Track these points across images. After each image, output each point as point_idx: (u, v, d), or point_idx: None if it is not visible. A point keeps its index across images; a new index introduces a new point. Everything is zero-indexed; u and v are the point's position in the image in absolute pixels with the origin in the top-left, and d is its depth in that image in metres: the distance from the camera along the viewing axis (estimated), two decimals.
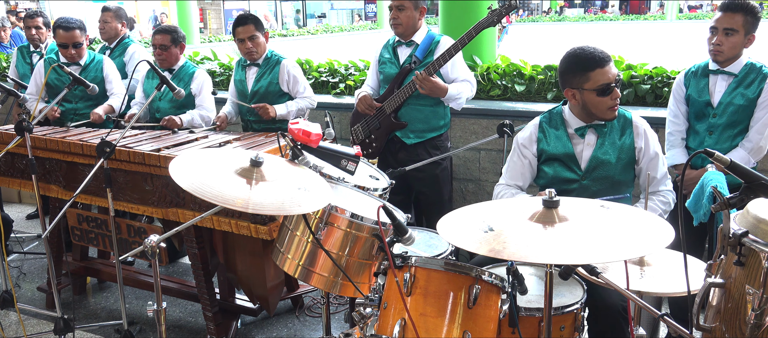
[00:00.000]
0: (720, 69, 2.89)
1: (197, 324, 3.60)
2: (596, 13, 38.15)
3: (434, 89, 3.25)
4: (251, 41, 3.69)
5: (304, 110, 3.79)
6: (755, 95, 2.82)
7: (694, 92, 2.97)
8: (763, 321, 1.35)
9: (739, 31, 2.77)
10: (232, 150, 2.53)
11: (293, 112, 3.73)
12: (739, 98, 2.84)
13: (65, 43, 4.06)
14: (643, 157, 2.54)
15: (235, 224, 2.79)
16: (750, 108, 2.84)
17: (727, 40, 2.80)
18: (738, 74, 2.85)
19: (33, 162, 3.01)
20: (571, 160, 2.57)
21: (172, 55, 3.90)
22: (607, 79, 2.42)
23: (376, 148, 3.53)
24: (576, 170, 2.57)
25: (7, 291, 3.41)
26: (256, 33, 3.69)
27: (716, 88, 2.91)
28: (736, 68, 2.86)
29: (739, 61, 2.85)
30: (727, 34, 2.79)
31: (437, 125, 3.46)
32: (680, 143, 3.02)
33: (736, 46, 2.80)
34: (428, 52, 3.39)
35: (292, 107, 3.73)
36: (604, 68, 2.42)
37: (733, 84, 2.86)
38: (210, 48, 6.54)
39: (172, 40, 3.88)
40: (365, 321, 1.91)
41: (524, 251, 1.51)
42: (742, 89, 2.84)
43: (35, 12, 4.95)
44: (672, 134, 3.06)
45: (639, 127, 2.54)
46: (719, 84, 2.90)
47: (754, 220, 1.40)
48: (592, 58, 2.43)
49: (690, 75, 3.03)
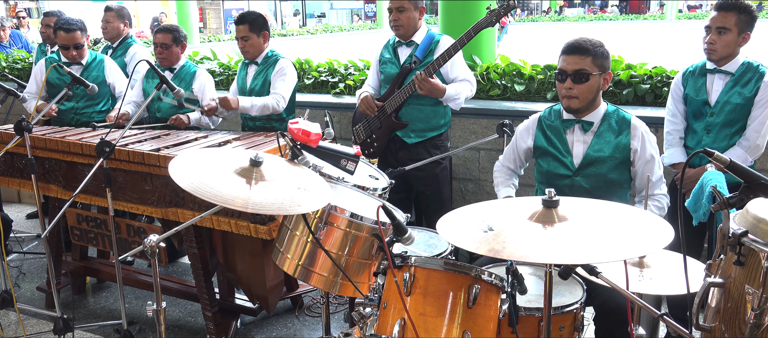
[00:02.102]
0: (717, 68, 2.91)
1: (197, 323, 3.60)
2: (596, 13, 38.14)
3: (433, 90, 3.26)
4: (244, 41, 3.73)
5: (269, 108, 3.65)
6: (752, 94, 2.83)
7: (692, 91, 2.99)
8: (762, 321, 1.35)
9: (731, 29, 2.80)
10: (232, 150, 2.53)
11: (257, 107, 3.63)
12: (736, 97, 2.85)
13: (66, 44, 4.06)
14: (639, 159, 2.53)
15: (235, 223, 2.79)
16: (747, 107, 2.85)
17: (719, 39, 2.83)
18: (735, 73, 2.87)
19: (32, 162, 3.01)
20: (564, 156, 2.60)
21: (173, 54, 3.91)
22: (563, 67, 2.49)
23: (377, 147, 3.54)
24: (569, 165, 2.59)
25: (6, 291, 3.41)
26: (249, 34, 3.70)
27: (713, 87, 2.93)
28: (732, 67, 2.88)
29: (736, 60, 2.88)
30: (720, 33, 2.82)
31: (438, 124, 3.47)
32: (678, 143, 3.03)
33: (730, 45, 2.82)
34: (428, 52, 3.40)
35: (257, 102, 3.63)
36: (566, 56, 2.49)
37: (730, 83, 2.88)
38: (209, 48, 6.53)
39: (173, 39, 3.88)
40: (365, 321, 1.90)
41: (524, 251, 1.51)
42: (739, 87, 2.86)
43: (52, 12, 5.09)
44: (670, 133, 3.06)
45: (637, 128, 2.54)
46: (716, 83, 2.92)
47: (753, 220, 1.40)
48: (566, 44, 2.52)
49: (688, 74, 3.05)
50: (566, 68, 2.48)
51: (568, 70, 2.47)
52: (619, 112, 2.58)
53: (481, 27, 3.15)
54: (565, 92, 2.51)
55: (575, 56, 2.46)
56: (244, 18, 3.75)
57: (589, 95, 2.49)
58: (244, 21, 3.72)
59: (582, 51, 2.46)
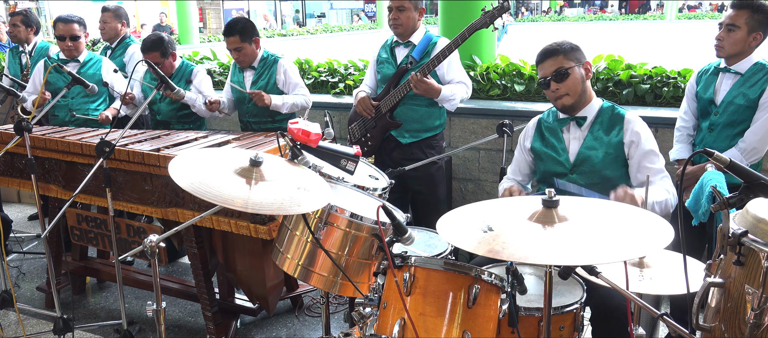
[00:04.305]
0: (728, 68, 2.89)
1: (197, 323, 3.60)
2: (596, 13, 38.14)
3: (428, 90, 3.27)
4: (237, 52, 3.70)
5: (298, 106, 3.74)
6: (757, 96, 2.80)
7: (702, 90, 2.99)
8: (762, 321, 1.35)
9: (741, 27, 2.77)
10: (232, 150, 2.53)
11: (288, 104, 3.69)
12: (740, 98, 2.83)
13: (63, 35, 4.05)
14: (636, 151, 2.52)
15: (235, 223, 2.79)
16: (752, 108, 2.82)
17: (728, 36, 2.81)
18: (744, 74, 2.84)
19: (32, 162, 3.00)
20: (560, 154, 2.62)
21: (167, 66, 3.88)
22: (542, 74, 2.58)
23: (371, 146, 3.55)
24: (565, 164, 2.60)
25: (6, 291, 3.41)
26: (241, 44, 3.67)
27: (721, 86, 2.91)
28: (743, 67, 2.85)
29: (748, 59, 2.84)
30: (730, 30, 2.80)
31: (432, 125, 3.47)
32: (686, 139, 3.04)
33: (737, 43, 2.79)
34: (425, 53, 3.42)
35: (288, 100, 3.70)
36: (541, 64, 2.59)
37: (737, 83, 2.85)
38: (209, 48, 6.53)
39: (161, 55, 3.83)
40: (365, 321, 1.90)
41: (524, 252, 1.51)
42: (745, 88, 2.83)
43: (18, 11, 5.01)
44: (679, 129, 3.08)
45: (630, 122, 2.54)
46: (725, 83, 2.90)
47: (753, 220, 1.40)
48: (537, 56, 2.62)
49: (702, 73, 3.04)
50: (545, 74, 2.58)
51: (547, 75, 2.56)
52: (614, 108, 2.59)
53: (475, 28, 3.17)
54: (553, 94, 2.59)
55: (548, 61, 2.56)
56: (232, 28, 3.68)
57: (576, 87, 2.55)
58: (232, 32, 3.67)
59: (551, 53, 2.56)
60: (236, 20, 3.78)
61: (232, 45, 3.69)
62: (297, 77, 3.80)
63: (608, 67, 4.04)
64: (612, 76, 3.98)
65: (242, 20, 3.80)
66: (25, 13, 4.95)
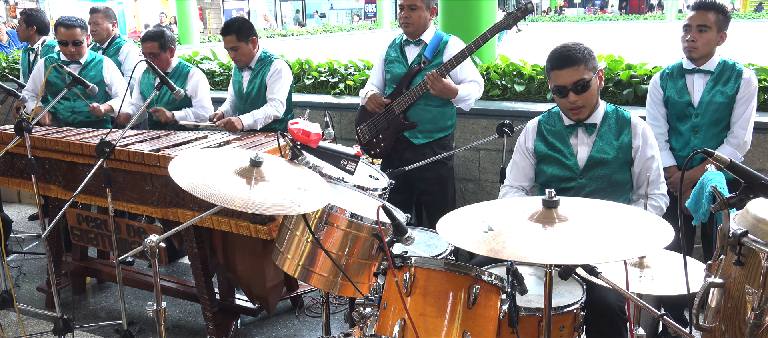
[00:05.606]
0: (696, 68, 2.95)
1: (197, 324, 3.60)
2: (596, 13, 38.13)
3: (445, 90, 3.24)
4: (234, 51, 3.70)
5: (269, 116, 3.65)
6: (734, 92, 2.89)
7: (674, 93, 3.01)
8: (762, 321, 1.35)
9: (712, 28, 2.86)
10: (232, 150, 2.53)
11: (260, 120, 3.63)
12: (719, 96, 2.90)
13: (65, 40, 4.06)
14: (639, 157, 2.53)
15: (235, 224, 2.79)
16: (730, 105, 2.91)
17: (700, 37, 2.88)
18: (714, 72, 2.92)
19: (32, 162, 3.00)
20: (568, 159, 2.57)
21: (163, 60, 3.88)
22: (560, 83, 2.43)
23: (384, 148, 3.52)
24: (573, 168, 2.57)
25: (6, 291, 3.41)
26: (237, 43, 3.66)
27: (694, 87, 2.96)
28: (711, 66, 2.92)
29: (713, 59, 2.93)
30: (701, 31, 2.87)
31: (445, 125, 3.45)
32: (664, 146, 3.05)
33: (710, 43, 2.88)
34: (437, 52, 3.37)
35: (258, 116, 3.62)
36: (560, 71, 2.42)
37: (710, 82, 2.92)
38: (210, 48, 6.53)
39: (160, 47, 3.84)
40: (365, 321, 1.90)
41: (524, 252, 1.51)
42: (720, 86, 2.90)
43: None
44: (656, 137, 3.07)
45: (637, 126, 2.54)
46: (697, 83, 2.96)
47: (753, 220, 1.40)
48: (553, 59, 2.46)
49: (665, 76, 3.07)
50: (564, 83, 2.42)
51: (567, 85, 2.42)
52: (618, 111, 2.58)
53: (497, 29, 3.14)
54: (569, 105, 2.46)
55: (569, 69, 2.41)
56: (229, 28, 3.67)
57: (593, 99, 2.49)
58: (229, 31, 3.66)
59: (573, 61, 2.40)
60: (234, 20, 3.78)
61: (228, 44, 3.69)
62: (281, 83, 3.69)
63: (608, 67, 4.04)
64: (612, 77, 3.98)
65: (240, 20, 3.80)
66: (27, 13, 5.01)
